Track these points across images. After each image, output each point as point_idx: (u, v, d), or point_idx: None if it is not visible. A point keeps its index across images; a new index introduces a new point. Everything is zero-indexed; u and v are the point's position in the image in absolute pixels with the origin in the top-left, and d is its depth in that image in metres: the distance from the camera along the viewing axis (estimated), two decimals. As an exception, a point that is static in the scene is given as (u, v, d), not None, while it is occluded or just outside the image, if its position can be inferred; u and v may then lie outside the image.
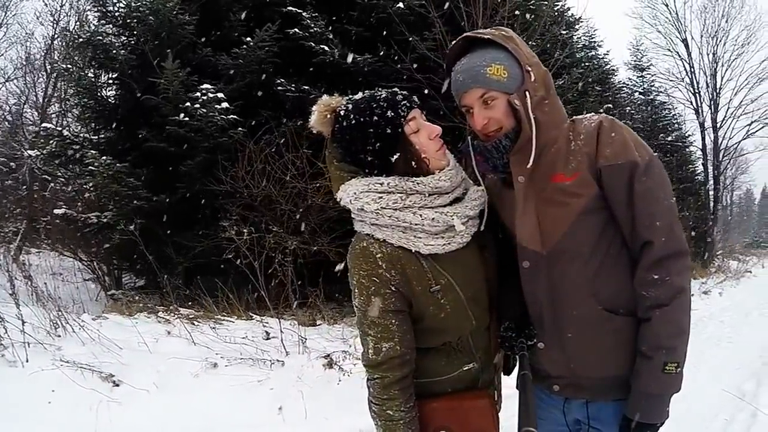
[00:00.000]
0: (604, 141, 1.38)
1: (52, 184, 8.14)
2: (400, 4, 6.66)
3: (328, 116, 1.42)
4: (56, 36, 12.81)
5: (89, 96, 6.51)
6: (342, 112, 1.40)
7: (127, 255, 6.62)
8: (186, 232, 6.30)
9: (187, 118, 5.77)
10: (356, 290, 1.41)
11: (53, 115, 11.22)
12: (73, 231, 6.74)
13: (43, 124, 7.13)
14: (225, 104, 5.87)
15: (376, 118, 1.35)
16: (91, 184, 6.06)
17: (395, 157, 1.37)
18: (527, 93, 1.40)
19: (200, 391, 4.04)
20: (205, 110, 5.75)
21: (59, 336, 4.49)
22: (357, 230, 1.46)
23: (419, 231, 1.36)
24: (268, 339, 5.22)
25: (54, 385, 3.72)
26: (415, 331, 1.43)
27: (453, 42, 1.53)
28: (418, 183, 1.36)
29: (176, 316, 5.53)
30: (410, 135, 1.37)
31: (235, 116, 6.04)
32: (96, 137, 6.40)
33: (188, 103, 5.68)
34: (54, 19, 13.33)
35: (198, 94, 5.66)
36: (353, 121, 1.37)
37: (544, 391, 1.59)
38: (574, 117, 1.50)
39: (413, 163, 1.38)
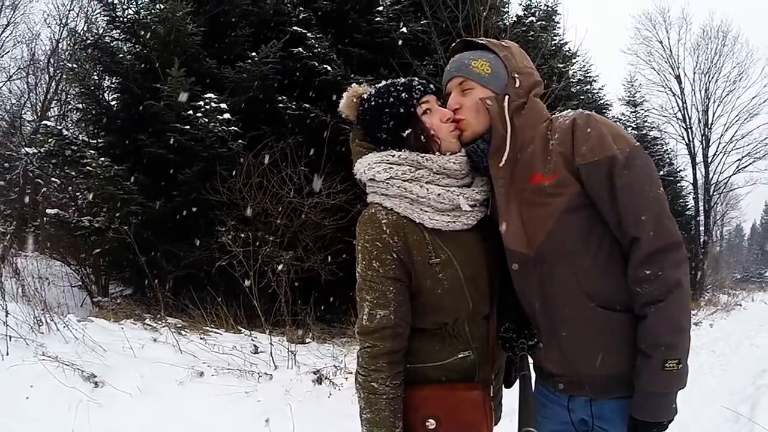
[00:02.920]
0: (580, 138, 1.35)
1: (45, 189, 8.07)
2: (404, 29, 6.83)
3: (354, 101, 1.54)
4: (62, 38, 12.93)
5: (91, 98, 6.54)
6: (365, 96, 1.53)
7: (117, 261, 6.53)
8: (178, 241, 6.25)
9: (188, 127, 5.80)
10: (359, 255, 1.44)
11: (52, 118, 11.22)
12: (63, 235, 6.65)
13: (43, 122, 7.10)
14: (227, 115, 5.92)
15: (392, 99, 1.46)
16: (86, 186, 6.01)
17: (407, 132, 1.45)
18: (507, 97, 1.43)
19: (185, 398, 3.95)
20: (206, 120, 5.79)
21: (42, 333, 4.40)
22: (368, 201, 1.51)
23: (425, 205, 1.41)
24: (256, 353, 5.14)
25: (33, 380, 3.62)
26: (412, 309, 1.44)
27: (454, 44, 1.60)
28: (427, 159, 1.42)
29: (164, 324, 5.43)
30: (422, 115, 1.46)
31: (235, 128, 6.08)
32: (95, 141, 6.38)
33: (190, 112, 5.72)
34: (61, 22, 13.48)
35: (201, 103, 5.70)
36: (373, 103, 1.49)
37: (549, 389, 1.58)
38: (552, 116, 1.49)
39: (422, 138, 1.45)
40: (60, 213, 6.32)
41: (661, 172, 17.98)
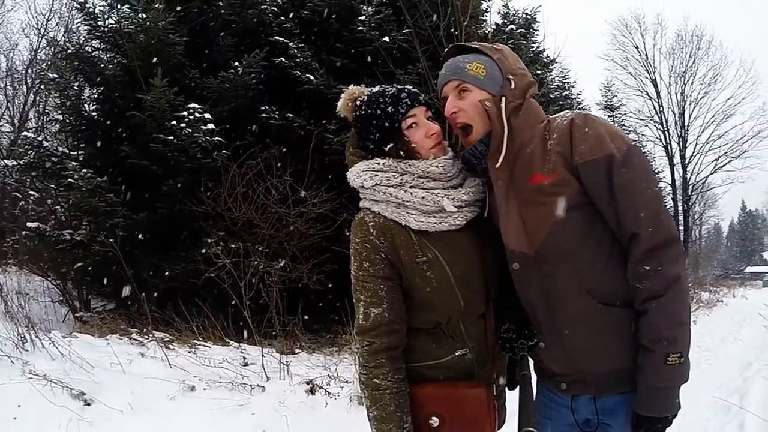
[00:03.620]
0: (578, 138, 1.38)
1: (23, 202, 7.87)
2: (386, 38, 6.88)
3: (350, 104, 1.59)
4: (40, 48, 12.65)
5: (72, 109, 6.42)
6: (358, 103, 1.57)
7: (99, 275, 6.40)
8: (162, 253, 6.17)
9: (171, 137, 5.74)
10: (352, 257, 1.51)
11: (31, 129, 10.94)
12: (43, 249, 6.49)
13: (23, 134, 6.93)
14: (211, 125, 5.88)
15: (379, 111, 1.51)
16: (67, 198, 5.89)
17: (389, 146, 1.52)
18: (504, 98, 1.45)
19: (177, 413, 3.90)
20: (190, 130, 5.74)
21: (27, 350, 4.29)
22: (360, 206, 1.59)
23: (411, 208, 1.47)
24: (246, 365, 5.11)
25: (21, 399, 3.52)
26: (406, 308, 1.49)
27: (446, 49, 1.62)
28: (410, 165, 1.49)
29: (150, 338, 5.35)
30: (407, 129, 1.51)
31: (219, 138, 6.04)
32: (75, 152, 6.26)
33: (174, 122, 5.66)
34: (40, 33, 13.18)
35: (185, 113, 5.65)
36: (363, 112, 1.54)
37: (552, 390, 1.58)
38: (550, 116, 1.52)
39: (402, 153, 1.51)
40: (40, 227, 6.17)
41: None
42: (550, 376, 1.55)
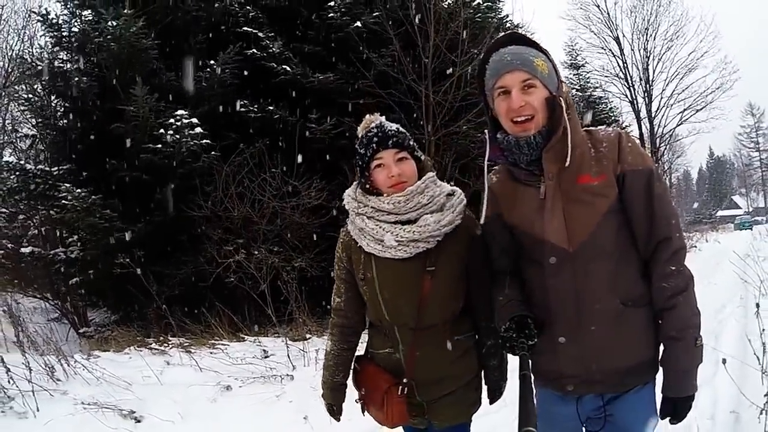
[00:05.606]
0: (625, 149, 1.52)
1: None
2: (358, 23, 6.91)
3: (360, 133, 1.84)
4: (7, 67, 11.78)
5: (50, 127, 6.25)
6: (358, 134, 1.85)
7: (101, 289, 6.40)
8: (164, 260, 6.21)
9: (159, 146, 5.71)
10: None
11: (7, 151, 10.32)
12: (39, 269, 6.40)
13: (4, 159, 6.70)
14: (198, 129, 5.87)
15: (359, 148, 1.80)
16: (60, 218, 5.79)
17: (362, 180, 1.82)
18: (563, 99, 1.54)
19: (222, 414, 4.08)
20: (177, 136, 5.72)
21: (60, 380, 4.33)
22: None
23: (367, 234, 1.76)
24: (266, 357, 5.31)
25: (75, 429, 3.57)
26: (365, 303, 1.90)
27: (499, 36, 1.67)
28: (369, 199, 1.78)
29: (169, 345, 5.46)
30: (373, 170, 1.77)
31: (208, 141, 6.04)
32: (57, 170, 6.12)
33: (161, 130, 5.63)
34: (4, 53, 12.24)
35: (172, 120, 5.62)
36: (356, 146, 1.84)
37: (555, 394, 1.65)
38: (590, 128, 1.64)
39: (368, 187, 1.80)
40: (35, 250, 6.08)
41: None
42: (555, 377, 1.62)
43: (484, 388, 1.92)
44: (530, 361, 1.49)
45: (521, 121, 1.51)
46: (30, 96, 6.08)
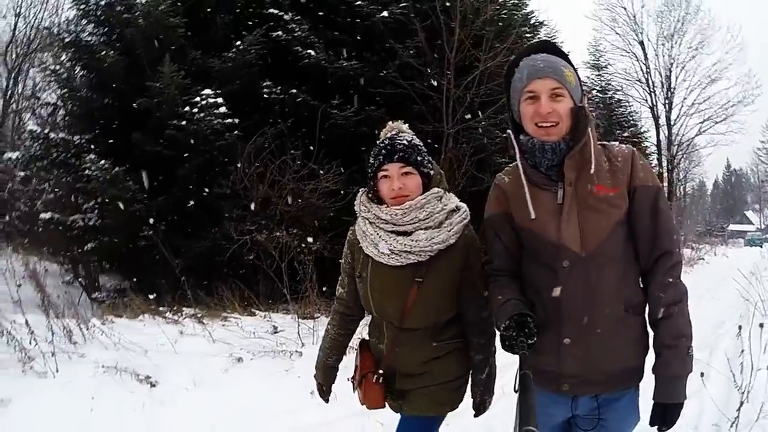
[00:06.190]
0: (638, 166, 1.62)
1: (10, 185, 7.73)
2: (385, 13, 6.96)
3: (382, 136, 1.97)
4: (17, 29, 11.91)
5: (73, 99, 6.35)
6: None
7: (116, 257, 6.54)
8: (181, 234, 6.34)
9: (183, 122, 5.82)
10: None
11: (11, 114, 10.49)
12: (57, 235, 6.53)
13: (29, 128, 6.82)
14: (223, 109, 5.96)
15: (370, 158, 1.92)
16: (86, 190, 5.92)
17: (368, 186, 1.95)
18: (586, 110, 1.61)
19: (234, 384, 4.21)
20: (202, 114, 5.82)
21: (77, 343, 4.47)
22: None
23: (367, 237, 1.88)
24: (276, 332, 5.44)
25: (94, 391, 3.65)
26: None
27: (533, 42, 1.82)
28: (372, 206, 1.89)
29: (183, 315, 5.60)
30: (379, 180, 1.87)
31: (231, 120, 6.14)
32: (80, 139, 6.23)
33: (187, 108, 5.73)
34: (16, 12, 12.40)
35: (198, 99, 5.72)
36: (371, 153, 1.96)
37: (549, 395, 1.69)
38: (603, 142, 1.71)
39: (371, 195, 1.93)
40: (53, 215, 6.22)
41: (626, 133, 18.54)
42: (552, 378, 1.67)
43: (468, 399, 2.02)
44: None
45: (546, 126, 1.58)
46: (56, 67, 6.15)
